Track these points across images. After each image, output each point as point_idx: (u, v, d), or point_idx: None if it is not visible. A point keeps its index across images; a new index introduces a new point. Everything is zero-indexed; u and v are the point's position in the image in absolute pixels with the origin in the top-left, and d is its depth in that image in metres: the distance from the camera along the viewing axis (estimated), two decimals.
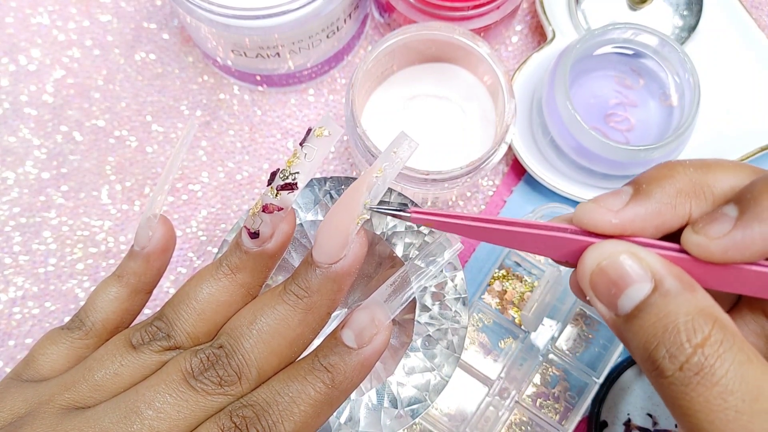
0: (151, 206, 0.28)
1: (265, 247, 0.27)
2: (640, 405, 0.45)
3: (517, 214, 0.48)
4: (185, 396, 0.24)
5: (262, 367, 0.25)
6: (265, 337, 0.25)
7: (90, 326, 0.28)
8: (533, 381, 0.45)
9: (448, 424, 0.44)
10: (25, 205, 0.48)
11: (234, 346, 0.25)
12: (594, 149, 0.42)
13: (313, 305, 0.26)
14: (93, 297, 0.28)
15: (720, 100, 0.47)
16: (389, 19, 0.47)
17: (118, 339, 0.27)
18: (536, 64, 0.47)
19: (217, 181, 0.48)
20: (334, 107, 0.50)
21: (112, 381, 0.26)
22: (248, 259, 0.27)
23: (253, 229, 0.26)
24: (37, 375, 0.27)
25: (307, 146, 0.26)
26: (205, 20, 0.40)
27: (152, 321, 0.27)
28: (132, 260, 0.28)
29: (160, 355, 0.26)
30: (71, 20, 0.50)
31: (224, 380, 0.25)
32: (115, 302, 0.28)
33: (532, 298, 0.45)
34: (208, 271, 0.27)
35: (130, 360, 0.26)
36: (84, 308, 0.28)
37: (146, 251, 0.28)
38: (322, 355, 0.25)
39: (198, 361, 0.25)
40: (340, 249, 0.25)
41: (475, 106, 0.45)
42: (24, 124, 0.49)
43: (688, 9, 0.47)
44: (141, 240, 0.28)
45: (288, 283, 0.26)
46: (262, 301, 0.26)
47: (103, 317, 0.28)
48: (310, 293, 0.26)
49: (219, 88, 0.50)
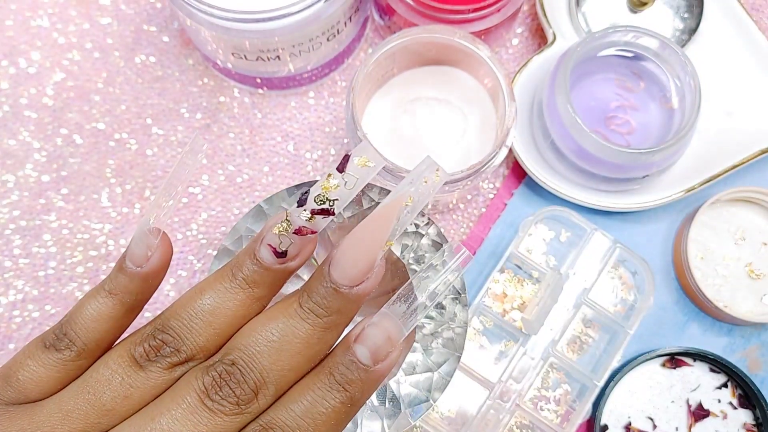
0: (149, 220, 0.26)
1: (288, 266, 0.26)
2: (640, 408, 0.45)
3: (517, 217, 0.47)
4: (202, 418, 0.24)
5: (280, 383, 0.25)
6: (284, 354, 0.25)
7: (82, 347, 0.25)
8: (534, 384, 0.45)
9: (449, 427, 0.44)
10: (25, 208, 0.48)
11: (249, 363, 0.24)
12: (594, 152, 0.42)
13: (332, 324, 0.25)
14: (81, 313, 0.26)
15: (721, 103, 0.47)
16: (389, 22, 0.47)
17: (120, 356, 0.25)
18: (537, 67, 0.47)
19: (217, 184, 0.48)
20: (335, 110, 0.50)
21: (122, 405, 0.24)
22: (268, 275, 0.26)
23: (280, 249, 0.25)
24: (22, 396, 0.25)
25: (348, 175, 0.25)
26: (206, 23, 0.40)
27: (153, 332, 0.25)
28: (126, 278, 0.26)
29: (170, 372, 0.25)
30: (71, 23, 0.50)
31: (241, 399, 0.24)
32: (109, 321, 0.26)
33: (532, 301, 0.45)
34: (218, 281, 0.26)
35: (138, 380, 0.24)
36: (72, 326, 0.26)
37: (144, 271, 0.26)
38: (338, 372, 0.25)
39: (210, 379, 0.24)
40: (364, 274, 0.25)
41: (476, 109, 0.45)
42: (24, 127, 0.49)
43: (688, 12, 0.47)
44: (137, 259, 0.26)
45: (304, 300, 0.25)
46: (277, 317, 0.25)
47: (97, 337, 0.26)
48: (330, 312, 0.25)
49: (219, 90, 0.49)
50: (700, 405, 0.45)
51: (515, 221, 0.47)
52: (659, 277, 0.47)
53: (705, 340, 0.47)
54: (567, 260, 0.46)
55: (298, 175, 0.49)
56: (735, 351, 0.47)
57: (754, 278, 0.46)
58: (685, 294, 0.47)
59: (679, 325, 0.47)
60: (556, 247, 0.47)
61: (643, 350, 0.46)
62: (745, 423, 0.45)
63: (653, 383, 0.45)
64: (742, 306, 0.46)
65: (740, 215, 0.47)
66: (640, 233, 0.48)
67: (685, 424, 0.45)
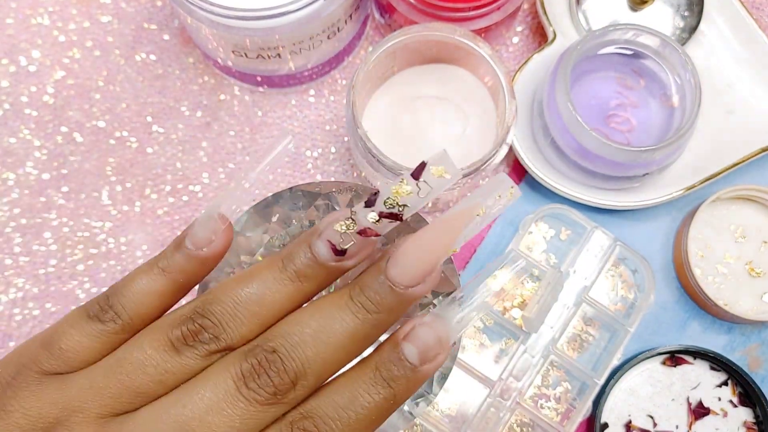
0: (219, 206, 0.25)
1: (343, 264, 0.25)
2: (640, 406, 0.45)
3: (518, 215, 0.48)
4: (237, 407, 0.23)
5: (321, 375, 0.24)
6: (328, 347, 0.24)
7: (128, 321, 0.25)
8: (534, 382, 0.45)
9: (449, 425, 0.44)
10: (26, 206, 0.48)
11: (291, 351, 0.23)
12: (595, 150, 0.42)
13: (381, 321, 0.24)
14: (130, 286, 0.25)
15: (721, 101, 0.47)
16: (390, 20, 0.47)
17: (156, 338, 0.24)
18: (537, 65, 0.47)
19: (217, 182, 0.48)
20: (335, 108, 0.50)
21: (155, 389, 0.24)
22: (321, 270, 0.25)
23: (340, 247, 0.24)
24: (64, 365, 0.24)
25: (423, 183, 0.24)
26: (206, 21, 0.40)
27: (193, 315, 0.24)
28: (183, 258, 0.25)
29: (207, 360, 0.24)
30: (72, 21, 0.50)
31: (279, 389, 0.23)
32: (159, 298, 0.25)
33: (533, 299, 0.45)
34: (269, 270, 0.25)
35: (173, 365, 0.24)
36: (119, 298, 0.25)
37: (204, 254, 0.25)
38: (384, 368, 0.24)
39: (249, 366, 0.23)
40: (424, 275, 0.24)
41: (476, 107, 0.45)
42: (24, 125, 0.49)
43: (689, 10, 0.47)
44: (200, 241, 0.25)
45: (356, 293, 0.24)
46: (325, 308, 0.24)
47: (143, 312, 0.25)
48: (381, 309, 0.24)
49: (219, 88, 0.50)
50: (701, 403, 0.45)
51: (515, 219, 0.47)
52: (659, 275, 0.47)
53: (705, 339, 0.47)
54: (567, 258, 0.46)
55: (298, 174, 0.49)
56: (735, 349, 0.47)
57: (754, 276, 0.46)
58: (686, 292, 0.47)
59: (680, 323, 0.47)
60: (556, 245, 0.47)
61: (644, 348, 0.46)
62: (746, 421, 0.45)
63: (653, 381, 0.45)
64: (742, 304, 0.46)
65: (740, 213, 0.47)
66: (640, 231, 0.48)
67: (686, 422, 0.45)
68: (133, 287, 0.25)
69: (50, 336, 0.25)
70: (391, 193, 0.24)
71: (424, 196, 0.24)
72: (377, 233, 0.24)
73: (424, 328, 0.24)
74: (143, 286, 0.25)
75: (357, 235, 0.24)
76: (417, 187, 0.24)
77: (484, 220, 0.25)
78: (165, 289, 0.25)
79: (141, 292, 0.25)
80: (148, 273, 0.25)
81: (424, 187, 0.24)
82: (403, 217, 0.24)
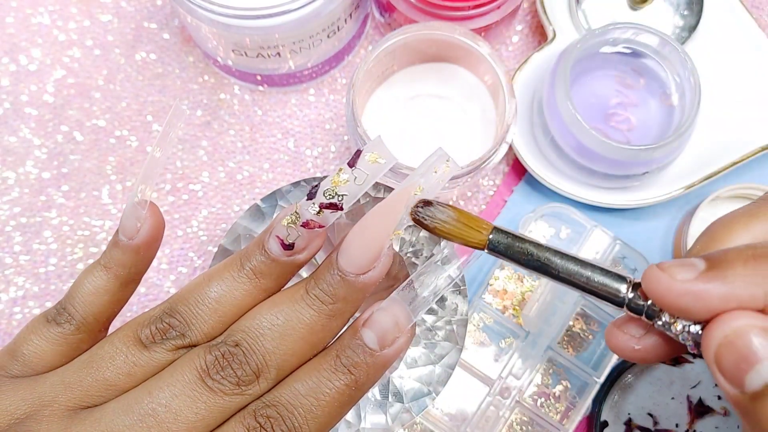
0: (137, 192, 0.27)
1: (295, 258, 0.26)
2: (640, 404, 0.45)
3: (518, 214, 0.48)
4: (202, 397, 0.24)
5: (282, 367, 0.25)
6: (287, 339, 0.25)
7: (81, 321, 0.26)
8: (534, 381, 0.45)
9: (449, 423, 0.44)
10: (26, 205, 0.48)
11: (253, 345, 0.25)
12: (595, 149, 0.42)
13: (338, 312, 0.25)
14: (79, 288, 0.27)
15: (720, 100, 0.47)
16: (390, 18, 0.47)
17: (125, 335, 0.26)
18: (537, 64, 0.47)
19: (217, 181, 0.48)
20: (335, 107, 0.50)
21: (124, 381, 0.25)
22: (275, 266, 0.26)
23: (288, 242, 0.25)
24: (28, 369, 0.26)
25: (358, 170, 0.25)
26: (206, 20, 0.40)
27: (161, 316, 0.26)
28: (119, 251, 0.27)
29: (173, 354, 0.25)
30: (72, 20, 0.50)
31: (242, 380, 0.24)
32: (106, 295, 0.27)
33: (533, 297, 0.45)
34: (227, 270, 0.26)
35: (141, 359, 0.25)
36: (71, 301, 0.27)
37: (135, 243, 0.27)
38: (344, 355, 0.25)
39: (213, 359, 0.24)
40: (371, 262, 0.25)
41: (476, 105, 0.45)
42: (25, 124, 0.49)
43: (688, 9, 0.47)
44: (128, 231, 0.27)
45: (311, 287, 0.25)
46: (283, 302, 0.25)
47: (95, 311, 0.27)
48: (336, 300, 0.25)
49: (219, 87, 0.50)
50: (701, 402, 0.45)
51: (515, 218, 0.47)
52: None
53: None
54: None
55: (298, 172, 0.49)
56: None
57: None
58: None
59: None
60: (556, 244, 0.47)
61: None
62: None
63: (653, 380, 0.45)
64: None
65: None
66: (639, 230, 0.48)
67: (686, 421, 0.45)
68: (82, 288, 0.27)
69: (14, 343, 0.26)
70: (331, 183, 0.25)
71: (361, 183, 0.25)
72: (321, 224, 0.25)
73: (381, 312, 0.25)
74: (90, 285, 0.27)
75: (302, 229, 0.25)
76: (353, 175, 0.25)
77: (424, 197, 0.25)
78: (110, 285, 0.27)
79: (88, 292, 0.27)
80: (92, 272, 0.27)
81: (360, 175, 0.25)
82: (343, 207, 0.25)
